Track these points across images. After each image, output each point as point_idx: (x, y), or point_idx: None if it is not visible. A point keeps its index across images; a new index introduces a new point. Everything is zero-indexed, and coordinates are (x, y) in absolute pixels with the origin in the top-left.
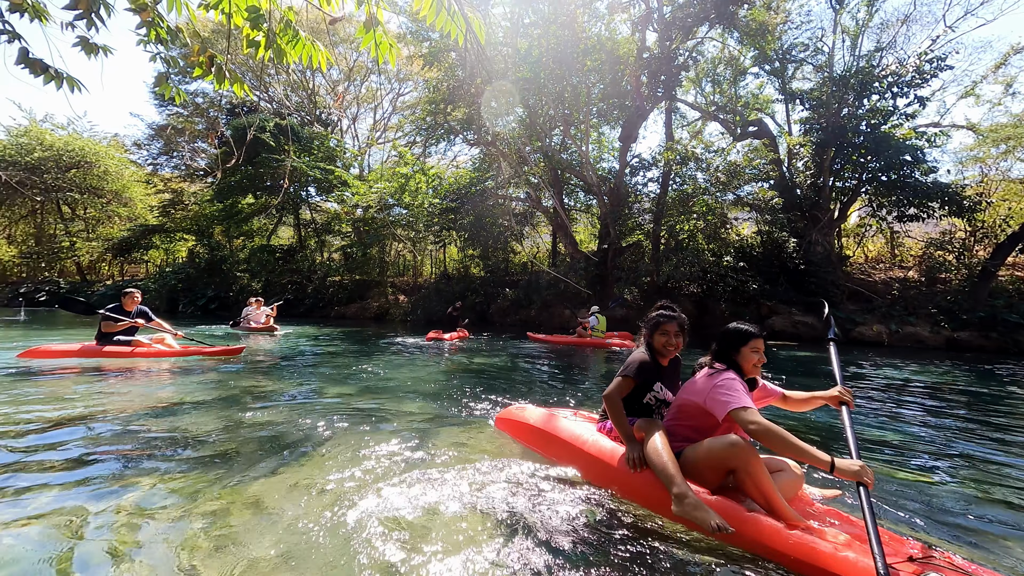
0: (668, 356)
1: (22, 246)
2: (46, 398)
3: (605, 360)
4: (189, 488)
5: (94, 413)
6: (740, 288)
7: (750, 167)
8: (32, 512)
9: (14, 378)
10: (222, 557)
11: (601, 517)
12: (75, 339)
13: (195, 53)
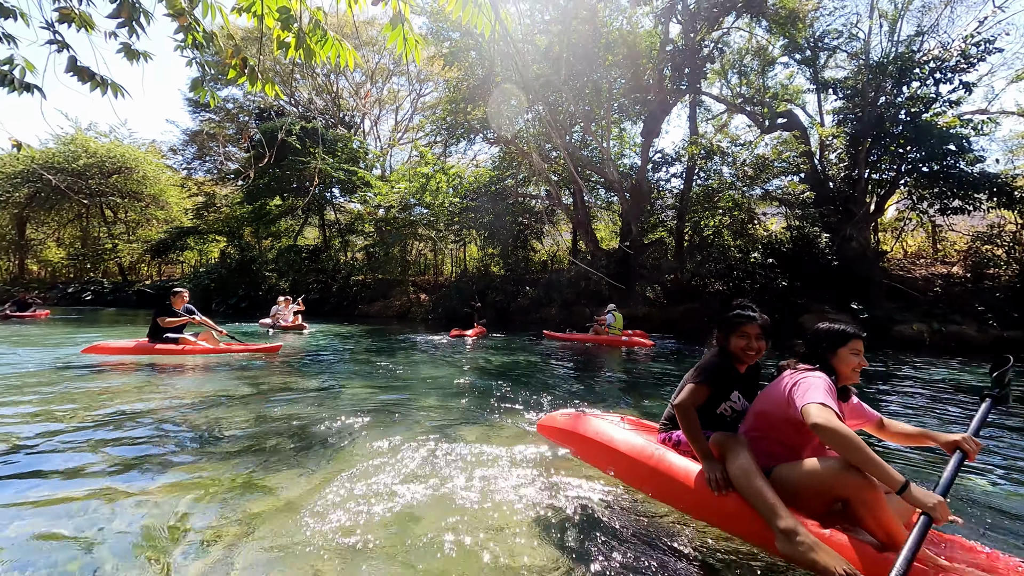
0: (747, 362)
1: (69, 248)
2: (102, 392)
3: (624, 358)
4: (227, 477)
5: (146, 405)
6: (769, 285)
7: (779, 160)
8: (78, 492)
9: (77, 372)
10: (254, 544)
11: (680, 544)
12: (112, 335)
13: (228, 56)
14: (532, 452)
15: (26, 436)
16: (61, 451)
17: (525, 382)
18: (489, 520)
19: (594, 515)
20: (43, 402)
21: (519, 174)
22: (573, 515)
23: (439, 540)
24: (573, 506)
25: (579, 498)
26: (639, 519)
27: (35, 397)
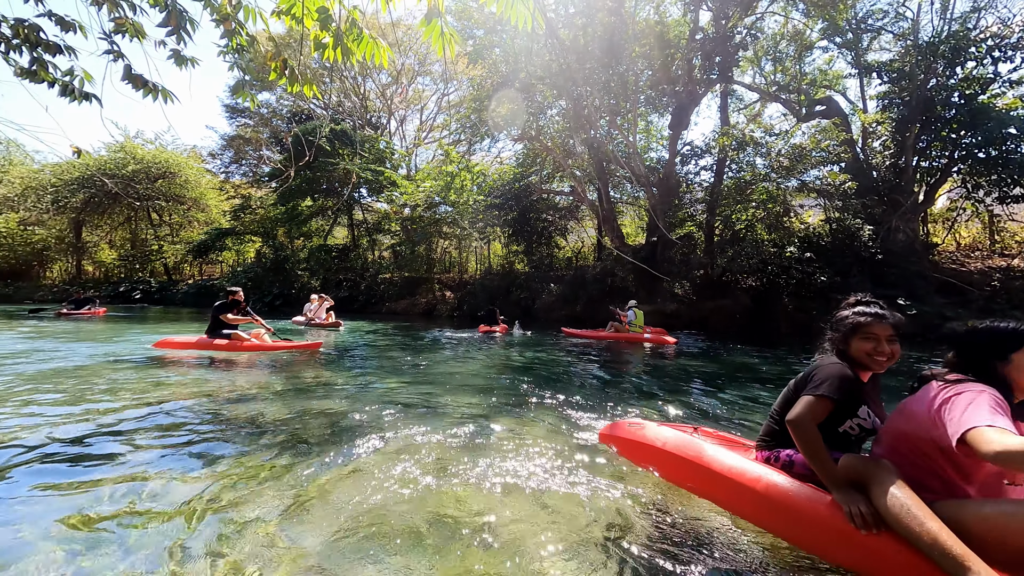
0: (875, 369)
1: (120, 249)
2: (168, 383)
3: (648, 357)
4: (268, 464)
5: (203, 395)
6: (806, 281)
7: (817, 150)
8: (132, 472)
9: (148, 363)
10: (295, 530)
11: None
12: (166, 331)
13: (268, 58)
14: (603, 467)
15: (103, 422)
16: (137, 433)
17: (556, 381)
18: (540, 525)
19: (677, 537)
20: (123, 390)
21: (543, 170)
22: (646, 534)
23: (479, 537)
24: (645, 523)
25: (652, 514)
26: (740, 546)
27: (113, 385)
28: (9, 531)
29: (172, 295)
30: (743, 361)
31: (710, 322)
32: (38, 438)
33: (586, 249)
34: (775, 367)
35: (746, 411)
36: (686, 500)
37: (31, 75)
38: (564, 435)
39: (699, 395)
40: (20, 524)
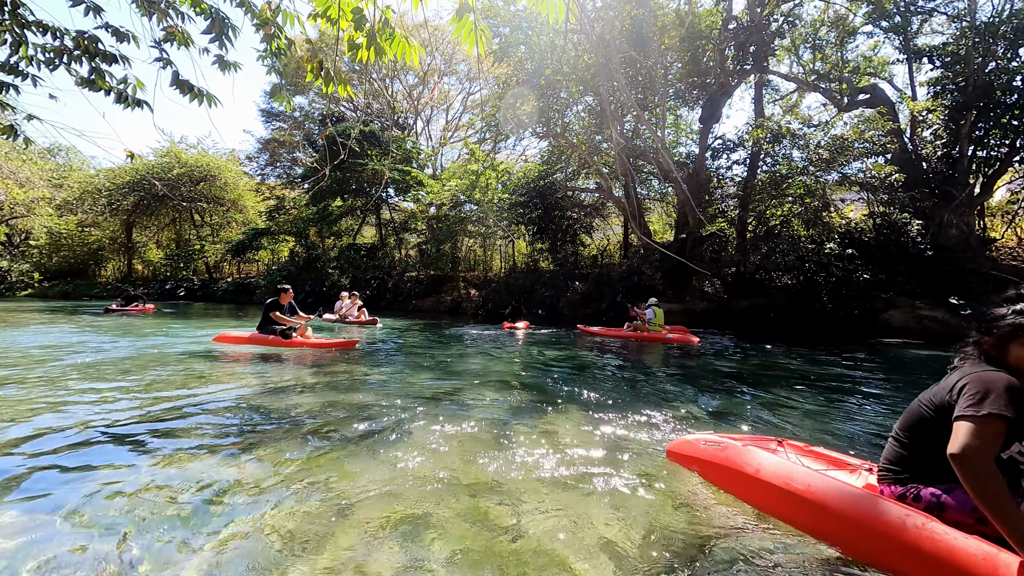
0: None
1: (166, 249)
2: (219, 372)
3: (671, 356)
4: (303, 456)
5: (250, 386)
6: (847, 278)
7: (860, 141)
8: (181, 455)
9: (209, 355)
10: (329, 519)
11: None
12: (205, 328)
13: (305, 60)
14: (677, 489)
15: (162, 408)
16: (191, 417)
17: (585, 381)
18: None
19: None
20: (186, 378)
21: (568, 167)
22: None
23: (511, 539)
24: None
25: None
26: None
27: (177, 374)
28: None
29: (213, 292)
30: (782, 362)
31: (742, 321)
32: (118, 418)
33: (612, 247)
34: (816, 368)
35: (800, 415)
36: (796, 539)
37: (90, 84)
38: (613, 444)
39: (742, 397)
40: (83, 504)
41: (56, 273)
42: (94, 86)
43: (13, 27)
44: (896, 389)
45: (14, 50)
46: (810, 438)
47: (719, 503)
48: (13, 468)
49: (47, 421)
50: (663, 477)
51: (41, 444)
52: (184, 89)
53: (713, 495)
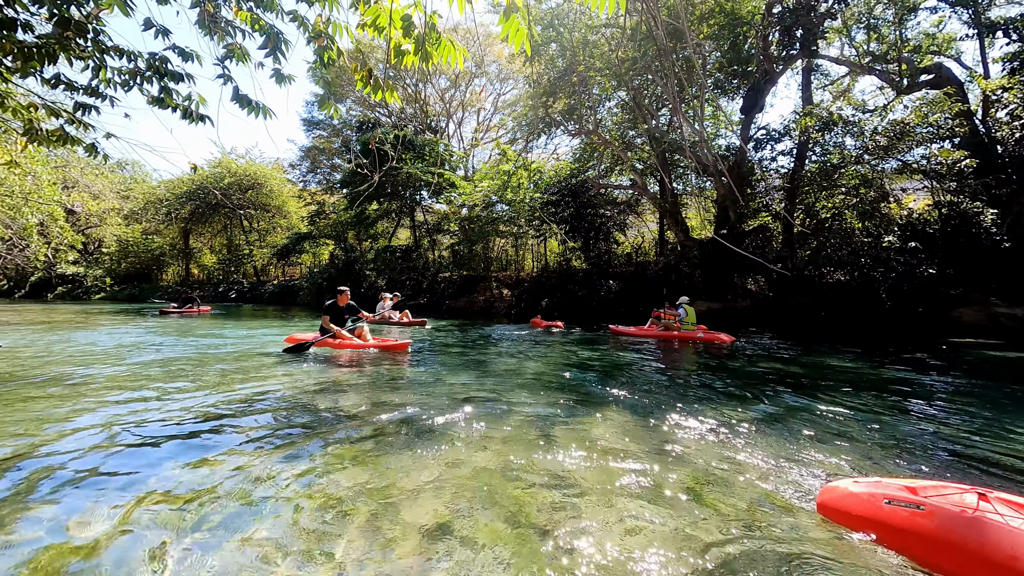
0: None
1: (218, 254)
2: (288, 372)
3: (705, 356)
4: (358, 452)
5: (308, 387)
6: (909, 274)
7: (924, 125)
8: (235, 450)
9: (279, 357)
10: (363, 516)
11: None
12: (252, 328)
13: (354, 69)
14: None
15: (230, 407)
16: (248, 416)
17: (634, 384)
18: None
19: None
20: (255, 377)
21: (601, 164)
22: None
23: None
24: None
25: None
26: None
27: (247, 373)
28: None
29: (260, 294)
30: (841, 366)
31: (790, 321)
32: (193, 415)
33: (647, 244)
34: (882, 373)
35: (878, 431)
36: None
37: (159, 102)
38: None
39: (797, 401)
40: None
41: (124, 277)
42: (163, 104)
43: (95, 52)
44: (979, 396)
45: (95, 74)
46: (901, 460)
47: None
48: (101, 458)
49: (138, 415)
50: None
51: (128, 435)
52: (243, 103)
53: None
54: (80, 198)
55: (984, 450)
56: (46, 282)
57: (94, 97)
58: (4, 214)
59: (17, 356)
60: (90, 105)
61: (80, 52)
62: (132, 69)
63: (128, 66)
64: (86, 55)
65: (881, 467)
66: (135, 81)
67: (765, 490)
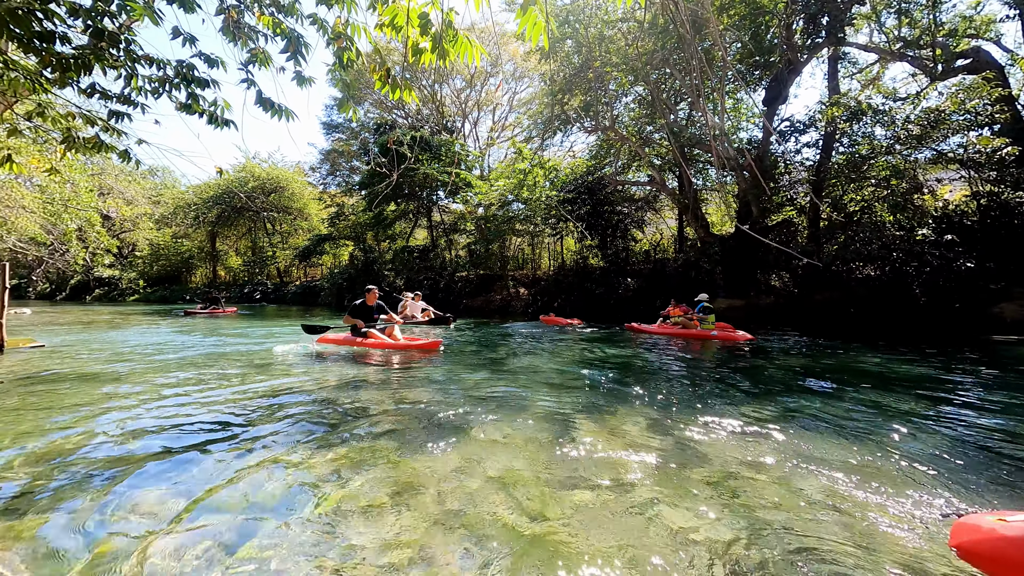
0: None
1: (243, 256)
2: (312, 371)
3: (726, 355)
4: (381, 448)
5: (337, 383)
6: (945, 268)
7: (961, 112)
8: (271, 454)
9: (313, 354)
10: (386, 510)
11: None
12: (277, 326)
13: (373, 69)
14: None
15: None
16: (279, 410)
17: (651, 380)
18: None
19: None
20: (287, 374)
21: (618, 161)
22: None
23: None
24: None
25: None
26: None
27: (278, 371)
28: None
29: (283, 295)
30: (876, 366)
31: (816, 317)
32: (238, 409)
33: (665, 241)
34: (924, 372)
35: (931, 441)
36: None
37: (187, 108)
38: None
39: (834, 405)
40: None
41: (156, 280)
42: (190, 110)
43: (127, 62)
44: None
45: (127, 82)
46: (963, 477)
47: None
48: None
49: (173, 409)
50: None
51: (168, 428)
52: (266, 106)
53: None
54: (115, 204)
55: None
56: (84, 285)
57: (126, 105)
58: (46, 220)
59: (58, 354)
60: (123, 113)
61: (114, 62)
62: (161, 77)
63: (158, 74)
64: (119, 64)
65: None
66: (164, 88)
67: (872, 520)
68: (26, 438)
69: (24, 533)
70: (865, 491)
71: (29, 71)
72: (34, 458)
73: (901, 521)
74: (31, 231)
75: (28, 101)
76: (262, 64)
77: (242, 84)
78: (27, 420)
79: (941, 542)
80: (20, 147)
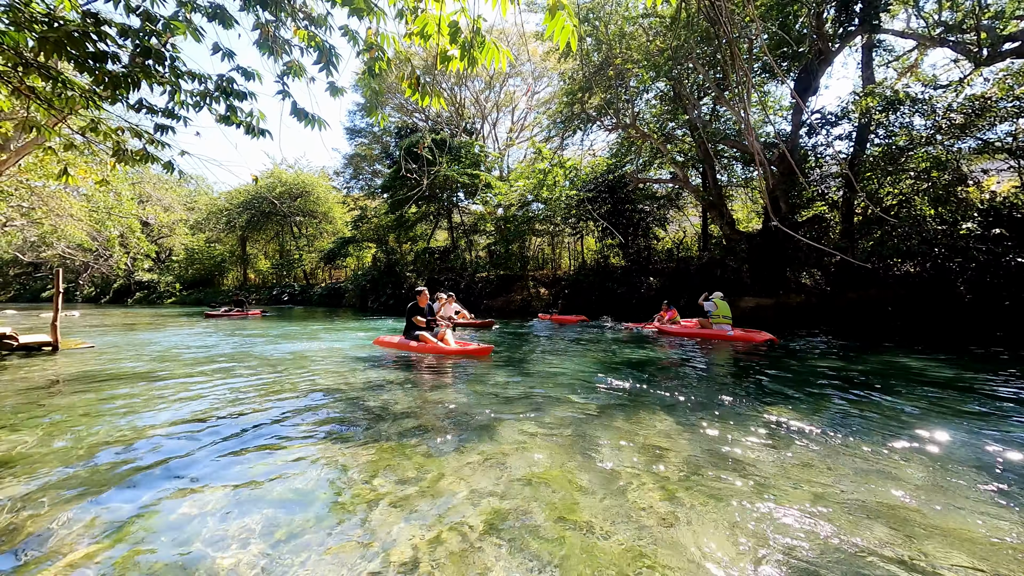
0: None
1: (272, 260)
2: (376, 378)
3: (743, 357)
4: (416, 447)
5: (385, 384)
6: (993, 263)
7: (1008, 98)
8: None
9: (368, 358)
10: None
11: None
12: (303, 327)
13: (400, 78)
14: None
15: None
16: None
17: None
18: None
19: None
20: (344, 375)
21: (639, 159)
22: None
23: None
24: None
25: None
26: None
27: (335, 373)
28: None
29: (310, 296)
30: (926, 371)
31: (850, 317)
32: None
33: (689, 239)
34: (969, 375)
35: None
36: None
37: (226, 120)
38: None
39: (876, 412)
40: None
41: (191, 283)
42: (229, 121)
43: (172, 78)
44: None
45: (171, 97)
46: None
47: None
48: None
49: (218, 407)
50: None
51: (212, 422)
52: (301, 116)
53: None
54: (153, 211)
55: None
56: (126, 288)
57: (171, 118)
58: (91, 227)
59: (105, 354)
60: (167, 126)
61: (160, 78)
62: (203, 91)
63: (199, 88)
64: (165, 81)
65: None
66: (205, 102)
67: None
68: (87, 432)
69: (91, 507)
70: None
71: (83, 89)
72: (97, 447)
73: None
74: (78, 238)
75: (81, 117)
76: (296, 75)
77: (278, 96)
78: (87, 415)
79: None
80: (72, 160)
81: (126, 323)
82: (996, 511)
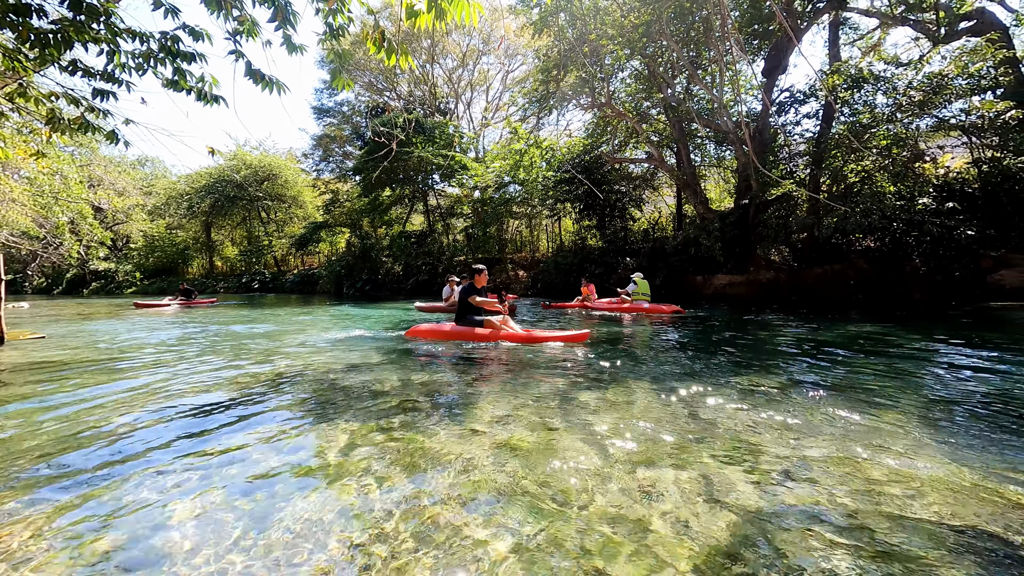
0: None
1: (239, 246)
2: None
3: (662, 328)
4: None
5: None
6: (945, 236)
7: (963, 76)
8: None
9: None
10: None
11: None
12: (291, 316)
13: (365, 35)
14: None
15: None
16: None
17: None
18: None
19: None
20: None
21: (615, 139)
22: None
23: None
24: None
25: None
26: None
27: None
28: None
29: (281, 284)
30: (874, 336)
31: (817, 290)
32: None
33: (664, 219)
34: (921, 345)
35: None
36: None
37: (174, 85)
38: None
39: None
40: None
41: (152, 272)
42: (177, 87)
43: (108, 35)
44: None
45: (110, 58)
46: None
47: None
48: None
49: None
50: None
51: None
52: (256, 78)
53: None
54: (106, 195)
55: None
56: (81, 279)
57: (110, 82)
58: (37, 213)
59: (62, 344)
60: (107, 91)
61: (94, 36)
62: (145, 51)
63: (141, 48)
64: (100, 39)
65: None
66: (149, 64)
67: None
68: (34, 422)
69: (47, 511)
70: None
71: (6, 48)
72: (47, 441)
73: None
74: (22, 224)
75: (8, 80)
76: (249, 35)
77: (230, 56)
78: (34, 405)
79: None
80: (2, 135)
81: (83, 313)
82: (946, 456)
